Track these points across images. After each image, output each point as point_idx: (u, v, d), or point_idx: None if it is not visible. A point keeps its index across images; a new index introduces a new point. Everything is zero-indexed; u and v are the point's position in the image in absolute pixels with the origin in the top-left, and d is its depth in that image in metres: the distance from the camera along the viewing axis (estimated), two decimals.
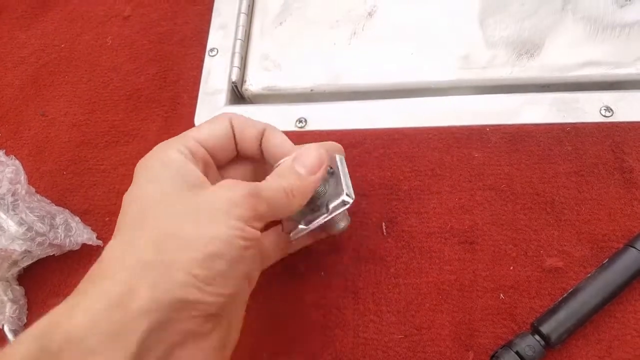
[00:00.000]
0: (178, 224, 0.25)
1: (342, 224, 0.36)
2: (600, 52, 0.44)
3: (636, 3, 0.46)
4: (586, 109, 0.42)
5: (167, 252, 0.25)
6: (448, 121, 0.44)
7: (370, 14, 0.50)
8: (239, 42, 0.51)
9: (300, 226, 0.34)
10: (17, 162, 0.43)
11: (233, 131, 0.33)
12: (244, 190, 0.27)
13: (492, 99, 0.44)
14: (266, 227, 0.36)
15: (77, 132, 0.50)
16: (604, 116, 0.42)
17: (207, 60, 0.51)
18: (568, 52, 0.45)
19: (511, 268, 0.38)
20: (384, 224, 0.41)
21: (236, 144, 0.33)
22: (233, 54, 0.50)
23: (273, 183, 0.30)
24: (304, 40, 0.50)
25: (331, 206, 0.33)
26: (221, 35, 0.52)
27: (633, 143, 0.40)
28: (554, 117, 0.42)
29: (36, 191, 0.45)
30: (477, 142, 0.42)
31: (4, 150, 0.44)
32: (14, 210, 0.41)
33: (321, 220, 0.33)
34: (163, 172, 0.28)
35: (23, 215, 0.41)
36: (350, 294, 0.39)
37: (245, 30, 0.52)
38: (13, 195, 0.41)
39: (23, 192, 0.42)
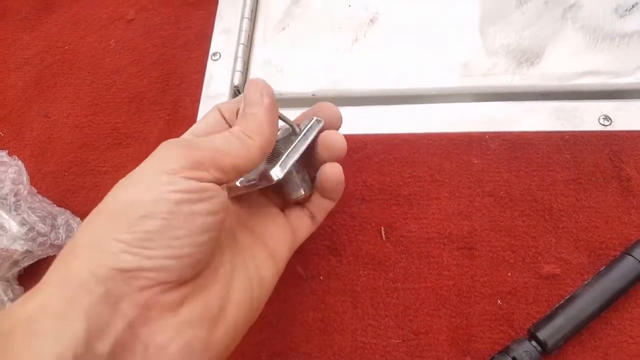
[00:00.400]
0: (114, 199, 0.25)
1: (300, 193, 0.33)
2: (600, 62, 0.45)
3: (635, 13, 0.46)
4: (585, 117, 0.43)
5: (100, 227, 0.24)
6: (448, 127, 0.44)
7: (372, 21, 0.51)
8: (241, 47, 0.51)
9: (237, 182, 0.31)
10: (19, 162, 0.43)
11: (222, 115, 0.33)
12: (175, 144, 0.26)
13: (492, 106, 0.44)
14: (286, 205, 0.35)
15: (80, 133, 0.51)
16: (603, 125, 0.42)
17: (210, 64, 0.52)
18: (568, 61, 0.45)
19: (509, 274, 0.38)
20: (383, 228, 0.41)
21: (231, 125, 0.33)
22: (235, 58, 0.51)
23: (220, 133, 0.29)
24: (306, 45, 0.51)
25: (261, 174, 0.30)
26: (224, 39, 0.53)
27: (631, 152, 0.41)
28: (553, 125, 0.43)
29: (38, 192, 0.45)
30: (476, 148, 0.43)
31: (7, 151, 0.44)
32: (16, 210, 0.41)
33: (252, 185, 0.30)
34: None
35: (25, 216, 0.41)
36: (349, 298, 0.39)
37: (248, 35, 0.52)
38: (15, 195, 0.42)
39: (25, 192, 0.42)
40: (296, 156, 0.30)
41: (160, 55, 0.54)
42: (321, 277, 0.40)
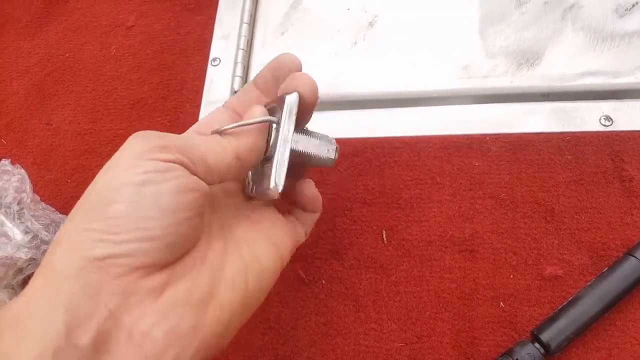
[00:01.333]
0: (90, 190, 0.25)
1: (329, 157, 0.33)
2: (600, 62, 0.45)
3: (636, 13, 0.46)
4: (586, 118, 0.43)
5: (77, 219, 0.24)
6: (449, 130, 0.44)
7: (371, 24, 0.51)
8: (241, 52, 0.51)
9: (250, 189, 0.32)
10: (22, 170, 0.43)
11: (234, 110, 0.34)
12: (143, 133, 0.26)
13: (493, 108, 0.44)
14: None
15: (82, 140, 0.51)
16: (604, 125, 0.42)
17: (210, 69, 0.52)
18: (568, 61, 0.45)
19: (511, 276, 0.38)
20: (384, 232, 0.41)
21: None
22: (235, 63, 0.51)
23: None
24: (306, 49, 0.51)
25: (261, 192, 0.30)
26: (224, 45, 0.53)
27: (632, 152, 0.40)
28: (554, 126, 0.43)
29: (41, 199, 0.46)
30: (477, 151, 0.43)
31: (10, 159, 0.44)
32: (19, 218, 0.41)
33: (262, 196, 0.31)
34: None
35: (28, 224, 0.41)
36: (351, 302, 0.39)
37: (248, 40, 0.52)
38: (19, 203, 0.42)
39: (28, 200, 0.43)
40: (286, 161, 0.29)
41: (161, 61, 0.54)
42: (323, 281, 0.40)
